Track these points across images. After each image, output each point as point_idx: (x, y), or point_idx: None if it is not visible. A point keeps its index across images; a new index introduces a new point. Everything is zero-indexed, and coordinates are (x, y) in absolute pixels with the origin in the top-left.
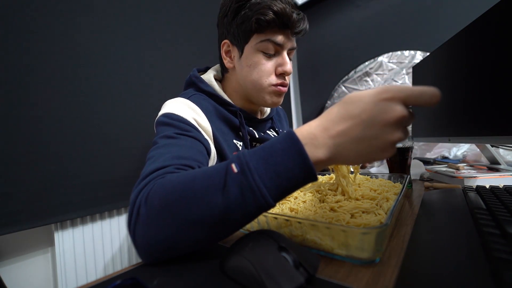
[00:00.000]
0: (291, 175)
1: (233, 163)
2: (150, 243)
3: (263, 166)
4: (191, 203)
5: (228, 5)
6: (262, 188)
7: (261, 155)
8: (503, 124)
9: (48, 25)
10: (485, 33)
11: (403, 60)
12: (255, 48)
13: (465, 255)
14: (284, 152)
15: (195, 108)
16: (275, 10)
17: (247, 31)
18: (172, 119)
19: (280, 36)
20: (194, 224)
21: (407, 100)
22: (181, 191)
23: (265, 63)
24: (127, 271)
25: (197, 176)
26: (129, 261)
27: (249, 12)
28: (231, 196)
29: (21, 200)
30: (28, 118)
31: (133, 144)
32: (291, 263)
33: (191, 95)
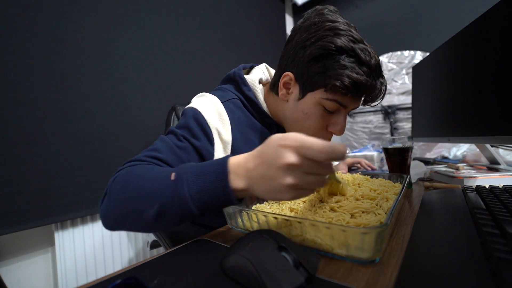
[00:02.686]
0: (213, 194)
1: (173, 172)
2: (106, 215)
3: (193, 180)
4: (137, 197)
5: (310, 40)
6: (187, 197)
7: (197, 171)
8: (502, 124)
9: (48, 25)
10: (485, 33)
11: (403, 60)
12: (318, 101)
13: (465, 255)
14: (213, 174)
15: (224, 118)
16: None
17: (317, 84)
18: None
19: (348, 100)
20: (135, 213)
21: (299, 150)
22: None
23: (320, 119)
24: (127, 271)
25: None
26: (129, 261)
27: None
28: (164, 199)
29: (21, 200)
30: (28, 118)
31: (133, 144)
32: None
33: (229, 98)
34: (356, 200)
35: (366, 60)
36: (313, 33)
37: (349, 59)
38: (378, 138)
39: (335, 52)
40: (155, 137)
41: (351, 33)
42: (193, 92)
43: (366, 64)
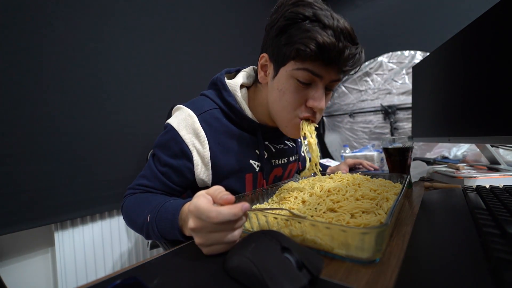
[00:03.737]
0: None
1: (149, 214)
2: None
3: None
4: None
5: (278, 17)
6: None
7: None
8: (503, 124)
9: (48, 25)
10: (485, 33)
11: (403, 60)
12: (289, 74)
13: (465, 255)
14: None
15: (200, 135)
16: (321, 43)
17: (286, 55)
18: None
19: (320, 68)
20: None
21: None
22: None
23: (296, 92)
24: (127, 271)
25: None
26: (129, 261)
27: (293, 37)
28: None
29: (21, 200)
30: (28, 118)
31: (133, 145)
32: (294, 264)
33: (205, 110)
34: (356, 200)
35: (329, 23)
36: (280, 11)
37: (312, 23)
38: (378, 138)
39: (298, 20)
40: (155, 137)
41: (315, 3)
42: (193, 92)
43: (331, 27)
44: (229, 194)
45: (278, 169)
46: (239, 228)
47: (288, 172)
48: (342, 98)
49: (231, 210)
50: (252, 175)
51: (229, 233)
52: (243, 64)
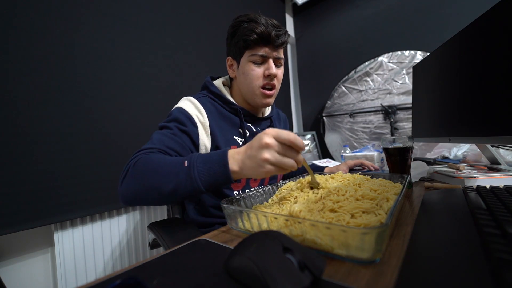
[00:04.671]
0: (217, 176)
1: (186, 160)
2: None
3: (202, 166)
4: (157, 177)
5: (229, 31)
6: (198, 180)
7: (204, 159)
8: (503, 124)
9: (48, 25)
10: (485, 33)
11: (403, 60)
12: (247, 60)
13: (465, 255)
14: (216, 161)
15: (200, 108)
16: (258, 32)
17: (240, 48)
18: (180, 113)
19: (264, 49)
20: (153, 189)
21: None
22: (154, 167)
23: (255, 69)
24: (127, 271)
25: (166, 161)
26: (129, 261)
27: (240, 35)
28: (179, 180)
29: (21, 200)
30: (28, 118)
31: (132, 145)
32: (295, 265)
33: (200, 96)
34: (357, 200)
35: (259, 20)
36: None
37: (249, 23)
38: (378, 138)
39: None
40: None
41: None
42: (193, 93)
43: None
44: None
45: None
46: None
47: None
48: (342, 98)
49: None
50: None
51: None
52: None
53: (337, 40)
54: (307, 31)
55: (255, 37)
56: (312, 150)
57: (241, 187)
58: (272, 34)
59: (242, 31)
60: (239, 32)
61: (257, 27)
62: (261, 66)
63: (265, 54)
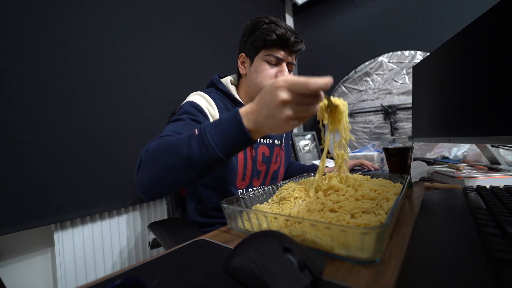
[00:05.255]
0: (233, 136)
1: (196, 128)
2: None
3: (214, 130)
4: (168, 154)
5: (247, 28)
6: (212, 144)
7: (215, 123)
8: (503, 124)
9: (48, 25)
10: (485, 33)
11: (403, 60)
12: (261, 59)
13: (465, 255)
14: (229, 122)
15: (210, 101)
16: (277, 34)
17: (257, 47)
18: (191, 106)
19: (280, 52)
20: (169, 169)
21: (289, 88)
22: (164, 146)
23: (268, 69)
24: (127, 271)
25: (176, 138)
26: (129, 261)
27: (259, 34)
28: (192, 149)
29: (21, 200)
30: (28, 118)
31: (133, 145)
32: (295, 265)
33: (210, 92)
34: (356, 200)
35: (280, 24)
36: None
37: (269, 25)
38: (378, 138)
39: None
40: None
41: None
42: None
43: (281, 25)
44: None
45: (264, 147)
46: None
47: (275, 156)
48: (342, 98)
49: (323, 80)
50: None
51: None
52: None
53: (337, 40)
54: (307, 31)
55: (275, 37)
56: (312, 150)
57: (245, 186)
58: (291, 39)
59: (262, 30)
60: (258, 30)
61: (277, 29)
62: (274, 67)
63: (281, 57)
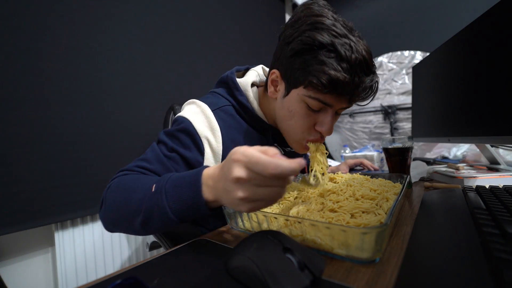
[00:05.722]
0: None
1: (154, 184)
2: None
3: (171, 192)
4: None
5: (293, 35)
6: (166, 208)
7: (174, 183)
8: (503, 124)
9: (47, 25)
10: (485, 33)
11: (403, 60)
12: (301, 98)
13: (465, 255)
14: (188, 186)
15: (214, 127)
16: (334, 79)
17: (298, 80)
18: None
19: (332, 99)
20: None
21: (247, 165)
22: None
23: (306, 117)
24: (127, 271)
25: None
26: (129, 261)
27: (307, 65)
28: (147, 209)
29: (21, 200)
30: (28, 118)
31: (133, 145)
32: (295, 265)
33: (220, 106)
34: (356, 200)
35: (346, 55)
36: (297, 28)
37: (328, 54)
38: (378, 138)
39: (315, 47)
40: (154, 137)
41: (334, 28)
42: (191, 92)
43: (346, 59)
44: None
45: None
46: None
47: None
48: None
49: (291, 164)
50: None
51: (279, 189)
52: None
53: None
54: None
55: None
56: None
57: None
58: (359, 89)
59: (312, 61)
60: (308, 57)
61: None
62: (317, 113)
63: (330, 104)
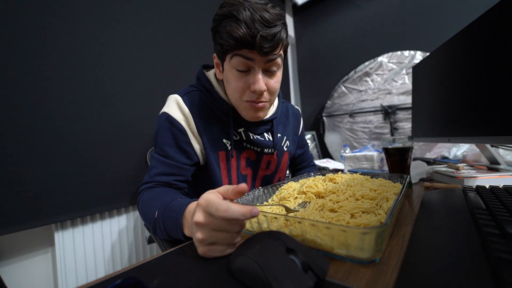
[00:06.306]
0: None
1: (157, 210)
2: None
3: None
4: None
5: (212, 23)
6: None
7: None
8: (503, 124)
9: (47, 25)
10: (485, 33)
11: (403, 60)
12: (230, 65)
13: (465, 255)
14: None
15: (185, 111)
16: (235, 36)
17: (221, 50)
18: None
19: (248, 52)
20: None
21: (205, 209)
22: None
23: (238, 80)
24: (127, 271)
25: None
26: (129, 261)
27: (219, 35)
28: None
29: (21, 200)
30: (28, 118)
31: (133, 145)
32: (299, 266)
33: (189, 91)
34: (356, 200)
35: (241, 16)
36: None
37: (229, 20)
38: (378, 138)
39: (221, 20)
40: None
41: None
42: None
43: (243, 19)
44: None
45: (250, 151)
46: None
47: (265, 163)
48: (342, 98)
49: (241, 209)
50: (224, 153)
51: (233, 235)
52: None
53: (337, 40)
54: (307, 31)
55: (233, 43)
56: (312, 150)
57: None
58: (257, 38)
59: (221, 30)
60: (219, 29)
61: (235, 29)
62: (247, 75)
63: (251, 57)
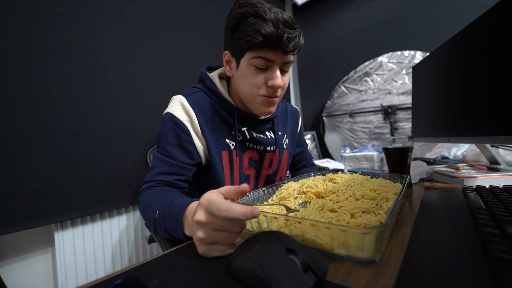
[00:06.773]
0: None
1: (158, 210)
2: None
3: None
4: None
5: (230, 19)
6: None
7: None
8: (503, 124)
9: (47, 25)
10: (485, 33)
11: (403, 60)
12: (248, 62)
13: (465, 255)
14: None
15: (189, 111)
16: (264, 34)
17: (241, 48)
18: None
19: (271, 54)
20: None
21: (207, 208)
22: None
23: (256, 76)
24: (127, 271)
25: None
26: (129, 261)
27: (242, 32)
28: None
29: (21, 200)
30: (28, 118)
31: (133, 145)
32: (299, 266)
33: (193, 92)
34: (356, 200)
35: (268, 17)
36: (231, 15)
37: (255, 18)
38: (378, 138)
39: (245, 17)
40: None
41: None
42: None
43: (270, 19)
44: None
45: (253, 152)
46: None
47: (267, 162)
48: (342, 98)
49: (242, 209)
50: (227, 153)
51: (233, 235)
52: None
53: (337, 40)
54: (307, 31)
55: (261, 39)
56: (312, 150)
57: None
58: (283, 38)
59: (245, 28)
60: (242, 27)
61: (264, 27)
62: (265, 72)
63: (272, 59)
